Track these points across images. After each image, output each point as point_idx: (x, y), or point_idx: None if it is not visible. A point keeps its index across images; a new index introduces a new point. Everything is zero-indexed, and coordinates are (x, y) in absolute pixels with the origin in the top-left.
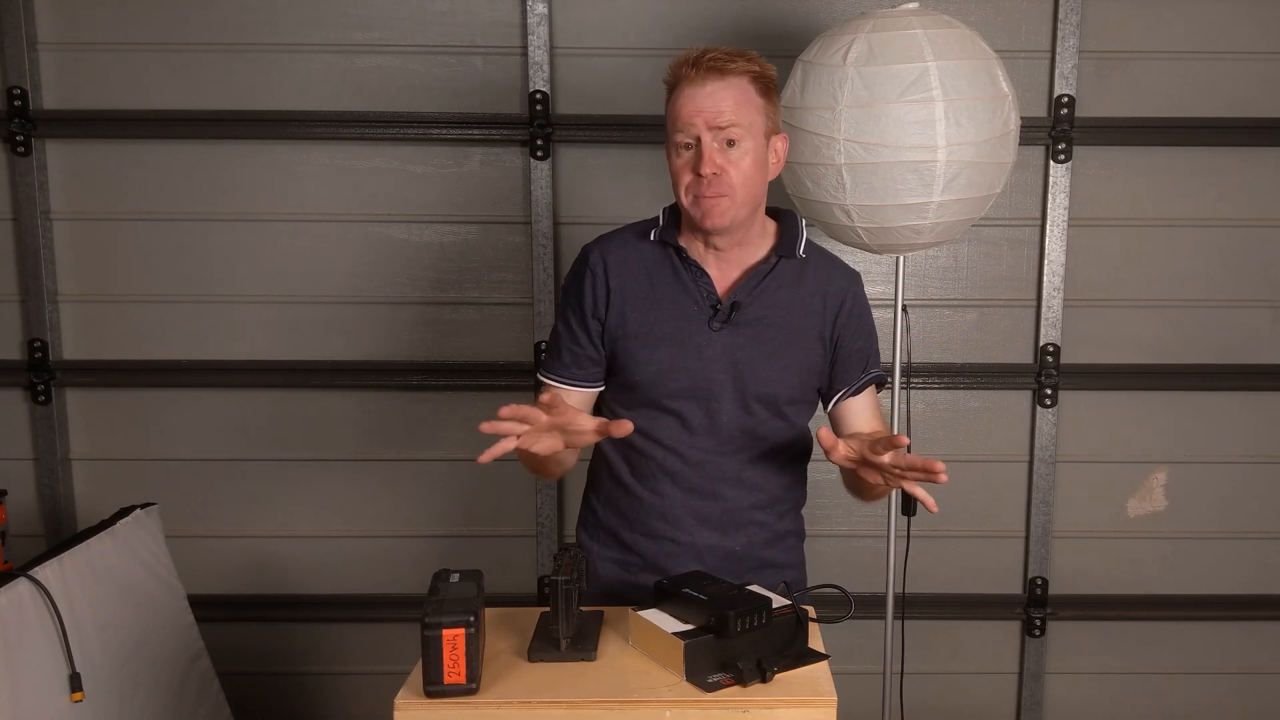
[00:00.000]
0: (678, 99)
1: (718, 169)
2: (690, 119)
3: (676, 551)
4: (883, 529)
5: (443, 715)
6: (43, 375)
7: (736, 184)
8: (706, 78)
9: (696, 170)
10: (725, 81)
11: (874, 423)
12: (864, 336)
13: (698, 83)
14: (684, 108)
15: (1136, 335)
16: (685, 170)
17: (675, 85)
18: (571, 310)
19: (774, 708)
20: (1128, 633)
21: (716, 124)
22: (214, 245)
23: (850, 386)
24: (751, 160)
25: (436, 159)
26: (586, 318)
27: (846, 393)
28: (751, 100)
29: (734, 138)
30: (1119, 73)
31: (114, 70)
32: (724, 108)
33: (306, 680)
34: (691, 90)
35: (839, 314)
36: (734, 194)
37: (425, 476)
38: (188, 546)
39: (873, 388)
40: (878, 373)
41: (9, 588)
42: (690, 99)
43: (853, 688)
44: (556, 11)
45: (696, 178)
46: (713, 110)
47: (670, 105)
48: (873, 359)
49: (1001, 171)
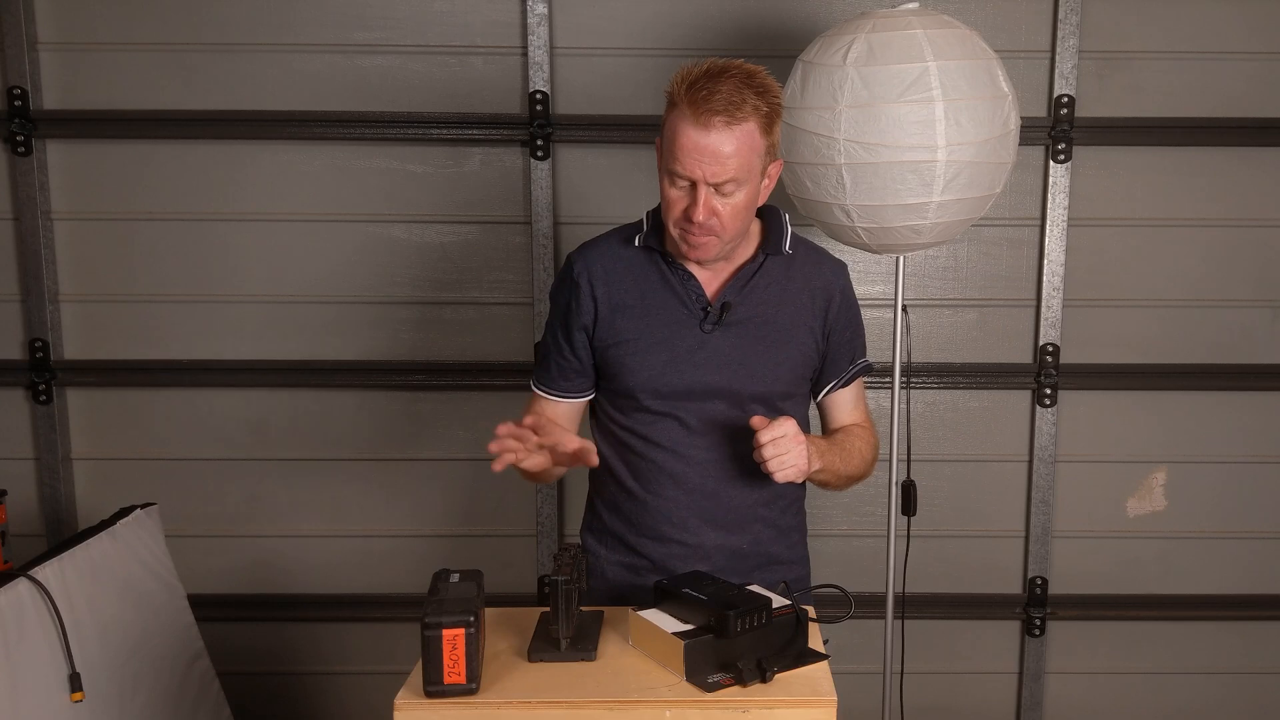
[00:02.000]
0: (678, 133)
1: (711, 214)
2: (690, 168)
3: (685, 553)
4: (883, 529)
5: (443, 715)
6: (43, 375)
7: (727, 224)
8: (711, 125)
9: (686, 211)
10: (731, 131)
11: (858, 414)
12: (853, 328)
13: (702, 127)
14: (683, 150)
15: (1136, 335)
16: (677, 203)
17: (675, 110)
18: (557, 322)
19: (774, 708)
20: (1128, 632)
21: (715, 180)
22: (214, 245)
23: (839, 379)
24: (745, 198)
25: (436, 159)
26: (572, 330)
27: (836, 384)
28: (754, 145)
29: (730, 190)
30: (1119, 73)
31: (114, 70)
32: (725, 161)
33: (306, 680)
34: (695, 136)
35: (829, 307)
36: (723, 234)
37: (425, 476)
38: (188, 546)
39: (861, 379)
40: (864, 363)
41: (9, 588)
42: (692, 147)
43: (853, 688)
44: (556, 11)
45: (686, 215)
46: (713, 165)
47: (669, 129)
48: (859, 349)
49: (1001, 171)
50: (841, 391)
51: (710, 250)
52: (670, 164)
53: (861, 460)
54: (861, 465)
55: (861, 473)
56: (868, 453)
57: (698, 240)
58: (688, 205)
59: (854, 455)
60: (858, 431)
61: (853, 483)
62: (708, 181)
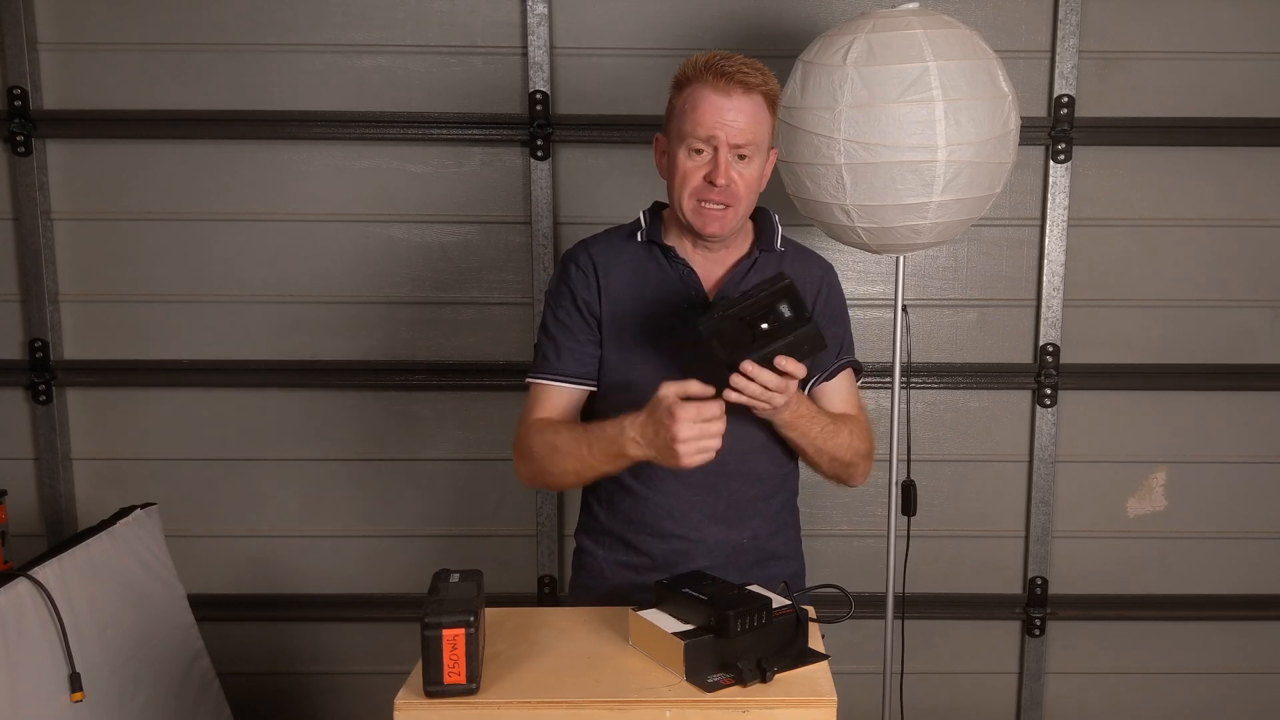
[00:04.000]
0: (699, 103)
1: (731, 180)
2: (712, 130)
3: (686, 549)
4: (883, 529)
5: (443, 715)
6: (43, 375)
7: (742, 195)
8: (732, 90)
9: (707, 176)
10: (749, 98)
11: (848, 406)
12: (838, 324)
13: (723, 92)
14: (706, 115)
15: (1136, 335)
16: (696, 173)
17: (691, 86)
18: (564, 308)
19: (774, 708)
20: (1127, 632)
21: (736, 141)
22: (214, 245)
23: (824, 372)
24: (756, 173)
25: (436, 159)
26: (584, 313)
27: (821, 378)
28: (765, 119)
29: (747, 154)
30: (1119, 73)
31: (114, 70)
32: (745, 125)
33: (306, 680)
34: (717, 99)
35: (815, 302)
36: (738, 205)
37: (425, 476)
38: (188, 546)
39: (849, 374)
40: (851, 358)
41: (9, 588)
42: (715, 109)
43: (853, 688)
44: (556, 11)
45: (706, 183)
46: (735, 126)
47: (684, 105)
48: (846, 346)
49: (1001, 171)
50: (827, 385)
51: (727, 222)
52: (691, 131)
53: (848, 446)
54: (847, 451)
55: (847, 459)
56: (857, 442)
57: (714, 211)
58: (709, 171)
59: (839, 434)
60: (850, 420)
61: (835, 466)
62: (730, 143)
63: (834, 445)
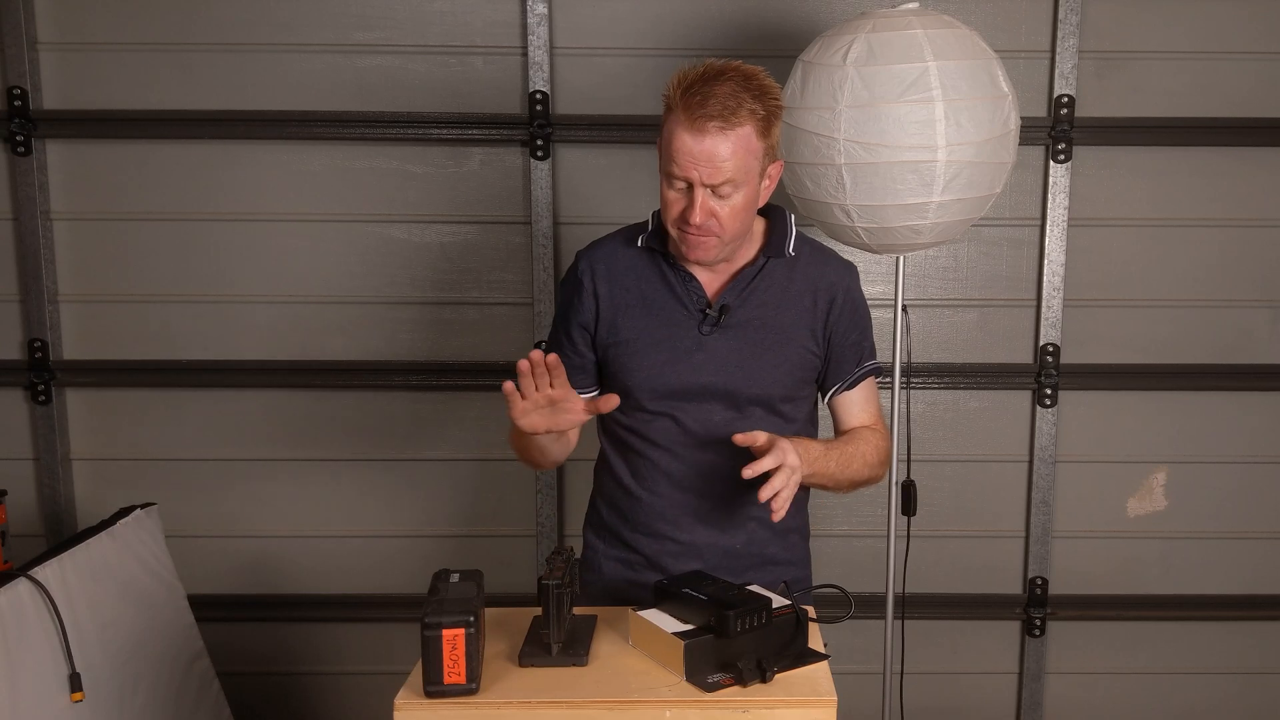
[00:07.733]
0: (673, 136)
1: (707, 217)
2: (686, 171)
3: (677, 550)
4: (883, 529)
5: (443, 715)
6: (43, 375)
7: (725, 224)
8: (705, 131)
9: (685, 213)
10: (725, 137)
11: (869, 415)
12: (858, 330)
13: (697, 133)
14: (680, 155)
15: (1136, 335)
16: (675, 204)
17: (671, 116)
18: (561, 320)
19: (774, 708)
20: (1128, 633)
21: (712, 181)
22: (214, 245)
23: (845, 380)
24: (743, 200)
25: (436, 159)
26: (573, 327)
27: (841, 387)
28: (751, 148)
29: (726, 192)
30: (1119, 73)
31: (114, 70)
32: (721, 164)
33: (306, 680)
34: (690, 142)
35: (830, 309)
36: (722, 234)
37: (425, 476)
38: (188, 546)
39: (871, 380)
40: (873, 364)
41: (9, 588)
42: (687, 151)
43: (853, 688)
44: (556, 11)
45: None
46: (709, 167)
47: (666, 133)
48: (867, 352)
49: (1001, 171)
50: (849, 393)
51: (710, 251)
52: (667, 166)
53: (865, 464)
54: (864, 469)
55: (866, 476)
56: (872, 456)
57: (696, 241)
58: (685, 207)
59: (854, 460)
60: (865, 434)
61: (856, 486)
62: (703, 183)
63: (852, 471)
